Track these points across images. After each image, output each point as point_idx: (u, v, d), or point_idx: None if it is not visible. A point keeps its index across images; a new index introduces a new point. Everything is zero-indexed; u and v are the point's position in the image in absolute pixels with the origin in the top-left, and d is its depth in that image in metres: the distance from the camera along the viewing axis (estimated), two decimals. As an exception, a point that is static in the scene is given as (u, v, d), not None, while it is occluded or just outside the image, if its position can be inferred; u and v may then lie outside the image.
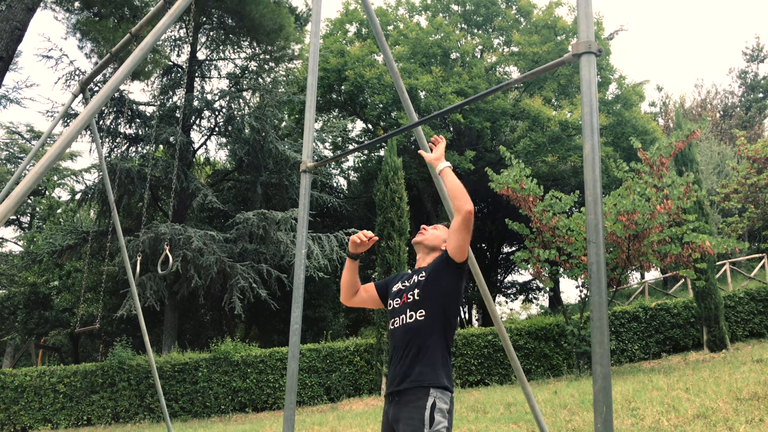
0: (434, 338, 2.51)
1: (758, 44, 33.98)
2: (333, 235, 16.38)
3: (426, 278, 2.60)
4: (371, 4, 4.23)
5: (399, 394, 2.48)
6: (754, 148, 19.18)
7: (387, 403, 2.57)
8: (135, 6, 13.20)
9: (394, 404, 2.50)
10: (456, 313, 2.63)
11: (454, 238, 2.53)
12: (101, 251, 16.90)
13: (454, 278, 2.58)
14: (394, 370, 2.55)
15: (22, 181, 2.56)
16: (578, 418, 6.30)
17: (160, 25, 3.31)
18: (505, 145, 18.81)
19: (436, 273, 2.59)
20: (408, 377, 2.47)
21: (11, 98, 21.20)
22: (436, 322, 2.52)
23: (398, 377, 2.51)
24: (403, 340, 2.54)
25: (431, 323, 2.51)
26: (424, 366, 2.47)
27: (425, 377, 2.45)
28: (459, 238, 2.52)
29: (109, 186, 6.65)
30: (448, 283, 2.57)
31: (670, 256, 11.26)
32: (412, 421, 2.38)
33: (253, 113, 17.18)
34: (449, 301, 2.56)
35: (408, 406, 2.43)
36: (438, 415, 2.40)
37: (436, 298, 2.54)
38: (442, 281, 2.57)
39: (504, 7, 22.52)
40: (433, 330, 2.51)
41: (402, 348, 2.54)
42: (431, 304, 2.53)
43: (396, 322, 2.61)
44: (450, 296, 2.57)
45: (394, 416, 2.49)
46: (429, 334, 2.50)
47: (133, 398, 12.85)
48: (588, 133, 2.08)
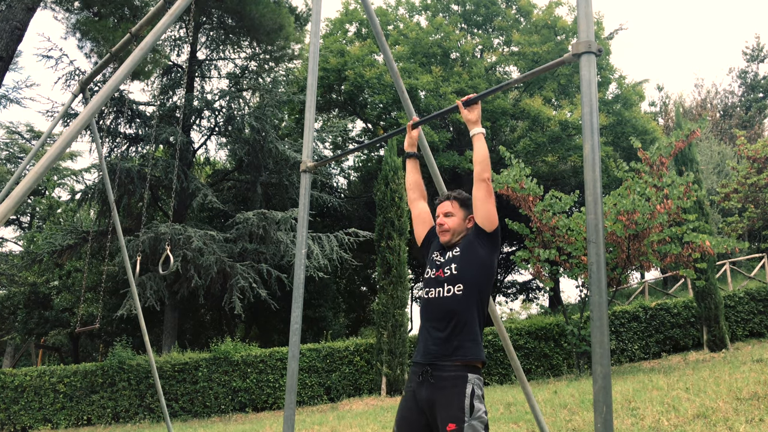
0: (472, 312, 2.52)
1: (758, 44, 33.95)
2: (333, 235, 16.38)
3: (461, 253, 2.61)
4: (371, 4, 4.22)
5: (435, 371, 2.45)
6: (754, 148, 19.17)
7: (416, 380, 2.52)
8: (135, 6, 13.19)
9: (427, 385, 2.47)
10: (490, 287, 2.64)
11: (481, 208, 2.58)
12: (101, 251, 16.90)
13: (488, 250, 2.60)
14: (427, 342, 2.53)
15: (22, 181, 2.56)
16: (578, 417, 6.30)
17: (160, 24, 3.31)
18: (505, 145, 18.81)
19: (471, 247, 2.61)
20: (447, 353, 2.46)
21: (11, 98, 21.18)
22: (473, 296, 2.53)
23: (434, 352, 2.49)
24: (439, 313, 2.53)
25: (468, 297, 2.52)
26: (464, 340, 2.47)
27: (468, 352, 2.45)
28: (485, 207, 2.57)
29: (109, 186, 6.65)
30: (484, 255, 2.59)
31: (670, 255, 11.26)
32: (451, 410, 2.37)
33: (253, 113, 17.17)
34: (485, 273, 2.58)
35: (446, 392, 2.41)
36: (477, 401, 2.40)
37: (473, 273, 2.56)
38: (477, 254, 2.59)
39: (504, 6, 22.51)
40: (470, 304, 2.52)
41: (437, 320, 2.53)
42: (468, 279, 2.54)
43: (431, 293, 2.61)
44: (486, 268, 2.59)
45: (429, 397, 2.45)
46: (467, 308, 2.51)
47: (133, 398, 12.85)
48: (588, 133, 2.08)
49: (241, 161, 18.61)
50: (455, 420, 2.34)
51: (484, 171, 2.58)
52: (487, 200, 2.57)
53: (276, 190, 18.73)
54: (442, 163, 18.86)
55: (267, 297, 15.00)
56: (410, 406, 2.52)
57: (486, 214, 2.57)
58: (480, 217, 2.59)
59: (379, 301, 13.18)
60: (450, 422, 2.35)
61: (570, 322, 12.40)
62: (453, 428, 2.34)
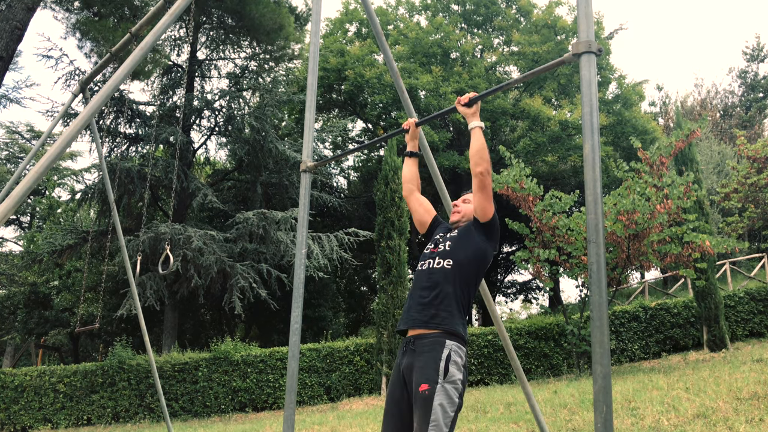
0: (455, 288, 2.59)
1: (758, 44, 33.95)
2: (333, 234, 16.37)
3: (458, 234, 2.75)
4: (371, 3, 4.22)
5: (417, 340, 2.52)
6: (754, 148, 19.17)
7: (401, 352, 2.60)
8: (135, 6, 13.19)
9: (408, 353, 2.54)
10: (480, 275, 2.73)
11: (475, 199, 2.70)
12: (101, 251, 16.90)
13: (483, 238, 2.70)
14: (410, 310, 2.62)
15: (22, 181, 2.56)
16: (578, 417, 6.30)
17: (160, 24, 3.31)
18: (505, 145, 18.82)
19: (468, 232, 2.73)
20: (425, 320, 2.53)
21: (11, 98, 21.19)
22: (459, 273, 2.61)
23: (413, 319, 2.57)
24: (425, 282, 2.63)
25: (454, 273, 2.61)
26: (442, 310, 2.53)
27: (443, 322, 2.51)
28: (478, 199, 2.67)
29: (109, 186, 6.65)
30: (478, 242, 2.69)
31: (670, 255, 11.26)
32: (425, 371, 2.41)
33: (253, 113, 17.16)
34: (476, 259, 2.67)
35: (423, 356, 2.46)
36: (453, 367, 2.43)
37: (464, 254, 2.66)
38: (472, 239, 2.70)
39: (504, 6, 22.51)
40: (455, 280, 2.60)
41: (421, 289, 2.63)
42: (459, 257, 2.64)
43: (423, 265, 2.73)
44: (478, 254, 2.68)
45: (408, 365, 2.51)
46: (451, 282, 2.59)
47: (133, 398, 12.85)
48: (588, 133, 2.09)
49: (241, 161, 18.61)
50: (428, 381, 2.39)
51: (477, 165, 2.65)
52: (479, 192, 2.66)
53: (276, 190, 18.73)
54: (442, 163, 18.86)
55: (267, 297, 14.99)
56: (395, 380, 2.59)
57: (478, 205, 2.68)
58: (475, 207, 2.72)
59: (379, 301, 13.18)
60: (423, 383, 2.39)
61: (570, 322, 12.39)
62: (425, 389, 2.38)
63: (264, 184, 18.17)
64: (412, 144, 3.18)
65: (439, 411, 2.33)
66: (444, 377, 2.39)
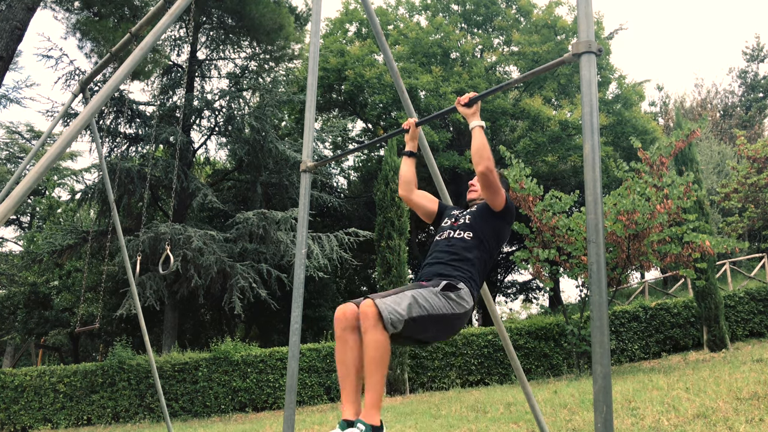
0: (473, 255, 2.68)
1: (758, 44, 33.95)
2: (333, 234, 16.36)
3: (477, 209, 2.86)
4: (371, 3, 4.22)
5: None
6: (754, 148, 19.17)
7: None
8: (135, 6, 13.19)
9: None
10: (497, 251, 2.85)
11: (483, 195, 2.81)
12: (101, 251, 16.90)
13: (500, 222, 2.82)
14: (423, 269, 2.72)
15: (22, 181, 2.56)
16: (578, 417, 6.30)
17: (160, 24, 3.30)
18: (505, 145, 18.81)
19: (486, 208, 2.83)
20: (440, 273, 2.62)
21: (11, 98, 21.21)
22: (478, 245, 2.71)
23: (428, 273, 2.67)
24: (444, 248, 2.73)
25: (473, 244, 2.71)
26: (457, 269, 2.62)
27: (460, 275, 2.59)
28: (486, 195, 2.77)
29: (109, 186, 6.65)
30: (494, 223, 2.80)
31: (670, 255, 11.25)
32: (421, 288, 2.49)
33: (253, 113, 17.16)
34: (495, 233, 2.79)
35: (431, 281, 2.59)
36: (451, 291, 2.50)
37: (484, 228, 2.77)
38: (491, 214, 2.80)
39: (504, 6, 22.51)
40: (473, 249, 2.70)
41: (438, 252, 2.73)
42: (479, 231, 2.75)
43: (442, 235, 2.82)
44: (496, 229, 2.80)
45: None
46: (469, 250, 2.69)
47: (133, 398, 12.85)
48: (588, 133, 2.08)
49: (241, 161, 18.61)
50: (422, 286, 2.50)
51: (478, 164, 2.70)
52: (485, 190, 2.75)
53: (276, 190, 18.73)
54: (442, 163, 18.85)
55: (267, 297, 14.99)
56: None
57: (488, 198, 2.78)
58: (486, 199, 2.82)
59: (379, 301, 13.16)
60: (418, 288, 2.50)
61: (570, 322, 12.39)
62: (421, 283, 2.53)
63: (264, 184, 18.16)
64: (412, 144, 3.21)
65: (411, 294, 2.39)
66: (436, 287, 2.49)
